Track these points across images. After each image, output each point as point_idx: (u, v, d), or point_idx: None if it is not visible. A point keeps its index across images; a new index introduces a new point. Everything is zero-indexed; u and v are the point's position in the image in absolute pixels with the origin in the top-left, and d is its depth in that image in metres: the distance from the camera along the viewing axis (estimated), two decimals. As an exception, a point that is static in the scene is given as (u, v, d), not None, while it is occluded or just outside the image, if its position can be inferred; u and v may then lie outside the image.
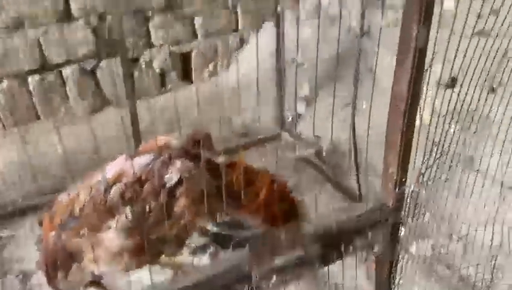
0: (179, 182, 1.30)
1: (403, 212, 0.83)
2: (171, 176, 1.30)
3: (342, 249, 0.83)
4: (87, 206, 1.31)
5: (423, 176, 0.96)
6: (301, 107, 2.63)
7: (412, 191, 0.88)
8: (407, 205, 0.89)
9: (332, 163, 2.39)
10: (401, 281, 1.13)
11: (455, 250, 1.57)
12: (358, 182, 2.02)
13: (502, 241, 1.45)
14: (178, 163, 1.32)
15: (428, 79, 0.95)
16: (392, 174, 0.81)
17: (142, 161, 1.32)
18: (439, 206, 1.40)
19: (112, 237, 1.29)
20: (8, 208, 2.19)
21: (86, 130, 2.64)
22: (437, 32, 1.10)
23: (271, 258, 1.02)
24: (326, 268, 0.83)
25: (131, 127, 2.44)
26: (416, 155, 0.98)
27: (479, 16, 1.22)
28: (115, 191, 1.29)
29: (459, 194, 1.47)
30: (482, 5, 1.14)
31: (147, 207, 1.30)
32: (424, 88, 0.97)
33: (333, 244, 0.83)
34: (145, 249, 1.32)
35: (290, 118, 2.67)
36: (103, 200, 1.30)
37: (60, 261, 1.39)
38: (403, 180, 0.82)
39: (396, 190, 0.83)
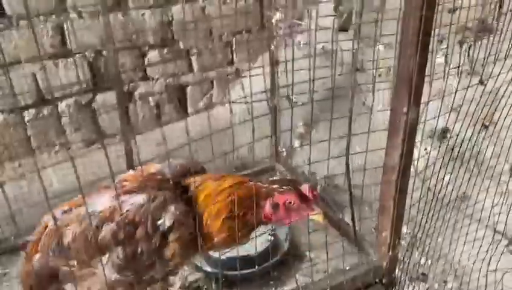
0: (171, 226, 1.31)
1: (396, 272, 0.83)
2: (165, 222, 1.30)
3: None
4: (77, 240, 1.32)
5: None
6: (295, 143, 2.65)
7: (406, 251, 0.88)
8: (401, 266, 0.89)
9: (327, 198, 2.40)
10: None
11: (451, 292, 1.56)
12: (353, 219, 2.02)
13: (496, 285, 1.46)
14: (172, 208, 1.32)
15: (422, 133, 0.97)
16: (386, 237, 0.81)
17: (135, 200, 1.32)
18: (434, 251, 1.41)
19: (102, 272, 1.29)
20: (1, 245, 2.17)
21: (80, 163, 2.64)
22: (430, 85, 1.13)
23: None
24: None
25: (126, 160, 2.45)
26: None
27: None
28: (107, 230, 1.30)
29: (453, 238, 1.48)
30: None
31: (139, 249, 1.30)
32: (418, 142, 0.99)
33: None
34: (134, 285, 1.36)
35: (285, 153, 2.68)
36: (94, 236, 1.30)
37: (43, 283, 1.41)
38: (396, 243, 0.83)
39: (389, 253, 0.84)
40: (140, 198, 1.33)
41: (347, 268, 1.40)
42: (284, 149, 2.69)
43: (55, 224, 1.34)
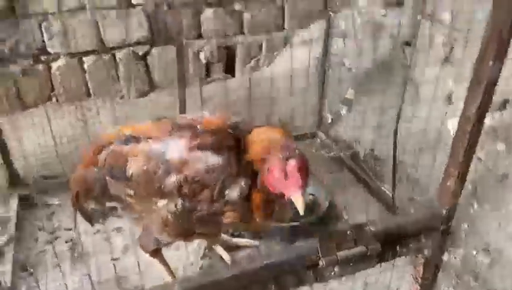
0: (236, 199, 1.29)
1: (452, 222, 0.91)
2: (233, 193, 1.28)
3: (398, 249, 0.92)
4: (141, 176, 1.33)
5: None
6: (343, 110, 2.70)
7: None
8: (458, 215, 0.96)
9: (368, 167, 2.46)
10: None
11: (484, 262, 1.63)
12: (394, 189, 2.08)
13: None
14: (242, 182, 1.28)
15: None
16: (450, 186, 0.89)
17: (210, 160, 1.27)
18: (475, 219, 1.46)
19: (159, 212, 1.34)
20: (58, 179, 2.32)
21: (131, 111, 2.77)
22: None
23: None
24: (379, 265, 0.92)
25: (179, 113, 2.54)
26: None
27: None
28: (173, 181, 1.29)
29: (495, 208, 1.52)
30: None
31: (198, 207, 1.31)
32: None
33: (391, 243, 0.91)
34: (185, 231, 1.40)
35: (330, 120, 2.74)
36: (158, 180, 1.30)
37: (90, 194, 1.48)
38: (459, 192, 0.90)
39: (451, 200, 0.91)
40: (215, 160, 1.28)
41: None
42: (328, 115, 2.75)
43: (122, 148, 1.37)
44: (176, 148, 1.31)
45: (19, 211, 2.13)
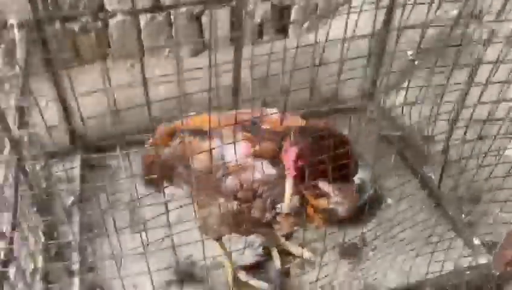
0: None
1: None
2: (282, 208, 1.30)
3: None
4: (202, 173, 1.38)
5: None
6: (396, 83, 2.63)
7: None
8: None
9: (417, 150, 2.45)
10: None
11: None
12: (442, 174, 2.08)
13: None
14: (295, 200, 1.28)
15: None
16: (508, 255, 0.92)
17: (267, 171, 1.29)
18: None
19: (217, 208, 1.40)
20: (117, 139, 2.43)
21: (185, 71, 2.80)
22: None
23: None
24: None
25: (233, 74, 2.53)
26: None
27: None
28: (229, 184, 1.35)
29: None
30: None
31: (251, 212, 1.35)
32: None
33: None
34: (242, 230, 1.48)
35: (383, 97, 2.69)
36: (216, 182, 1.37)
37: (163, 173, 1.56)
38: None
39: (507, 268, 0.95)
40: (272, 172, 1.31)
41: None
42: (382, 89, 2.69)
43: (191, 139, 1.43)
44: (234, 151, 1.30)
45: (81, 172, 2.29)
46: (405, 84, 2.65)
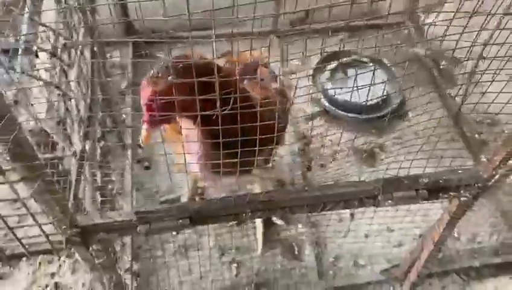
0: None
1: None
2: None
3: (440, 195, 1.22)
4: None
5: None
6: (438, 3, 2.66)
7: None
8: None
9: (445, 70, 2.56)
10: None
11: None
12: (465, 96, 2.22)
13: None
14: None
15: None
16: (495, 160, 1.12)
17: None
18: None
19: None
20: (166, 33, 2.61)
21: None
22: None
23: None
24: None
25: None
26: None
27: None
28: None
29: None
30: None
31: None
32: None
33: (436, 191, 1.21)
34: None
35: (423, 16, 2.73)
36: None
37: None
38: (502, 165, 1.13)
39: (493, 172, 1.15)
40: None
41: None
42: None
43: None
44: None
45: (132, 60, 2.52)
46: (445, 6, 2.69)
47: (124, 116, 2.30)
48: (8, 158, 0.81)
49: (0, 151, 0.80)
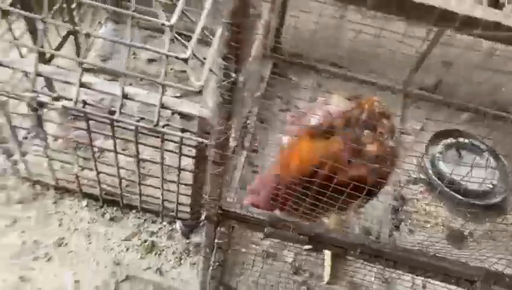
0: None
1: None
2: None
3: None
4: None
5: None
6: None
7: None
8: None
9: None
10: None
11: None
12: None
13: None
14: None
15: None
16: None
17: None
18: None
19: None
20: (306, 60, 2.80)
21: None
22: None
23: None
24: None
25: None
26: None
27: None
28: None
29: None
30: None
31: None
32: None
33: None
34: None
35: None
36: None
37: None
38: None
39: None
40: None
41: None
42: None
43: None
44: None
45: (269, 77, 2.77)
46: None
47: (248, 121, 2.55)
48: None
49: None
